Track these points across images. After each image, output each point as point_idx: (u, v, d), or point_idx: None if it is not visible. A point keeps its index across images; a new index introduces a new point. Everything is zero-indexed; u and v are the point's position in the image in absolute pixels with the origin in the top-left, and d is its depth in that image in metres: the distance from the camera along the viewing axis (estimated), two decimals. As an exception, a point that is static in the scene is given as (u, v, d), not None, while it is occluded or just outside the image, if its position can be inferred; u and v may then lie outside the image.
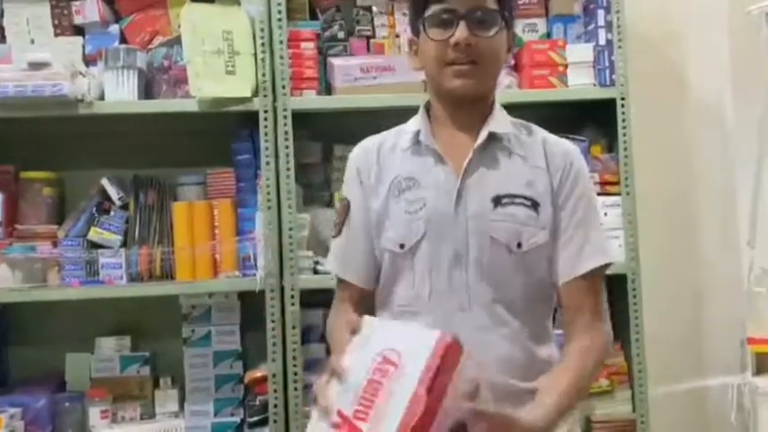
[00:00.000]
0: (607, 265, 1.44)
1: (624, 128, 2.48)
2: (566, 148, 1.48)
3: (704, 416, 2.85)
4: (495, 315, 1.38)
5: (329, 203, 2.55)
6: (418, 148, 1.46)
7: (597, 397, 2.49)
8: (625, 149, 2.49)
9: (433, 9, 1.40)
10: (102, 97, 2.37)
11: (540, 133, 1.49)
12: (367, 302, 1.50)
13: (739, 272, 2.87)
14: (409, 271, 1.41)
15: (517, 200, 1.39)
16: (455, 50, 1.38)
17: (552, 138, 1.49)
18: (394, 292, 1.45)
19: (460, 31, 1.37)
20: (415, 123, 1.49)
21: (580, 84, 2.52)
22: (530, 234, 1.39)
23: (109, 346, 2.48)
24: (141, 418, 2.40)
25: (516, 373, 1.36)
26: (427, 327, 1.24)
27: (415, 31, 1.46)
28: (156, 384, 2.46)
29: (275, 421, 2.30)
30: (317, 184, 2.57)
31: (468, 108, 1.44)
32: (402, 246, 1.41)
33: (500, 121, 1.46)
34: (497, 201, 1.39)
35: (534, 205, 1.40)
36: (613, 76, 2.49)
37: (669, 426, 2.71)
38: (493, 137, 1.43)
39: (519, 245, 1.38)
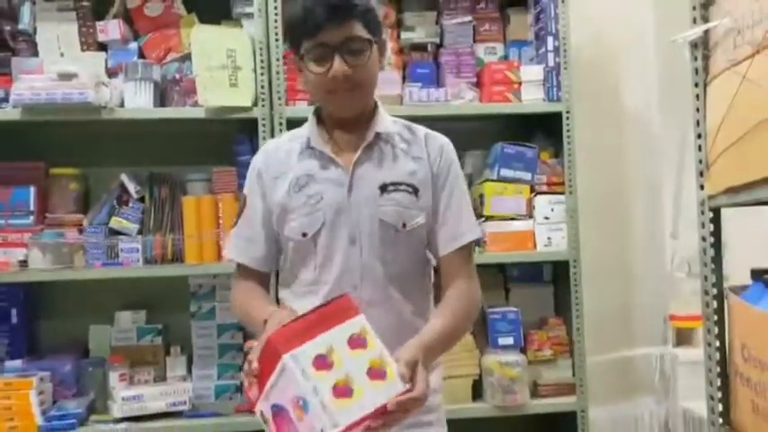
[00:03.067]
0: (476, 240, 1.48)
1: (569, 137, 2.52)
2: (441, 142, 1.49)
3: (632, 380, 2.87)
4: (383, 291, 1.39)
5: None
6: (311, 152, 1.45)
7: (542, 364, 2.55)
8: (569, 155, 2.51)
9: (306, 44, 1.36)
10: (122, 104, 2.38)
11: (422, 130, 1.50)
12: (264, 283, 1.49)
13: (663, 259, 2.88)
14: (312, 256, 1.41)
15: (401, 187, 1.41)
16: (333, 82, 1.36)
17: (432, 133, 1.50)
18: (298, 275, 1.44)
19: (337, 65, 1.34)
20: (306, 129, 1.49)
21: (532, 99, 2.54)
22: (411, 215, 1.41)
23: (126, 320, 2.48)
24: (154, 381, 2.41)
25: (400, 343, 1.31)
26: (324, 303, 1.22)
27: (299, 56, 1.41)
28: (167, 352, 2.46)
29: (270, 384, 2.36)
30: (306, 182, 2.59)
31: (353, 118, 1.45)
32: (305, 234, 1.42)
33: (384, 122, 1.46)
34: (384, 188, 1.40)
35: (415, 191, 1.42)
36: (560, 93, 2.53)
37: (603, 388, 2.73)
38: (378, 136, 1.44)
39: (404, 225, 1.40)
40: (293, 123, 2.38)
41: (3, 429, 2.20)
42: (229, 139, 2.51)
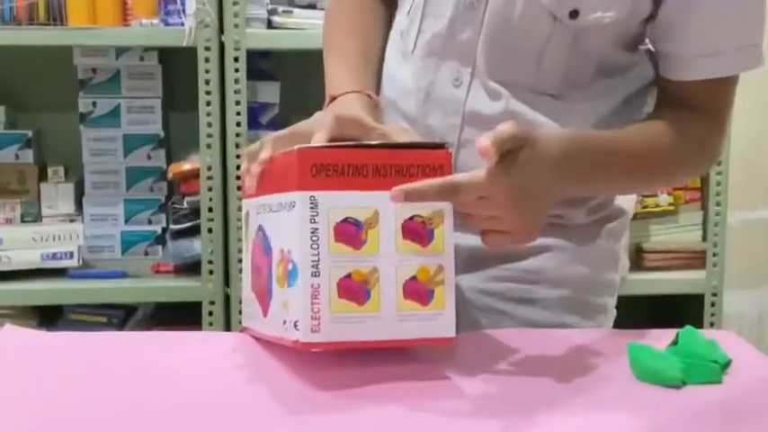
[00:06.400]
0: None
1: None
2: None
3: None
4: (504, 105, 0.93)
5: None
6: None
7: (654, 219, 1.96)
8: None
9: None
10: None
11: None
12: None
13: None
14: None
15: None
16: None
17: None
18: (397, 14, 1.02)
19: None
20: None
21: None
22: (596, 4, 0.86)
23: (-27, 119, 1.92)
24: (22, 221, 1.88)
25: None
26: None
27: None
28: (42, 176, 1.94)
29: (210, 230, 1.78)
30: None
31: None
32: None
33: None
34: None
35: None
36: None
37: (747, 262, 2.11)
38: None
39: (575, 13, 0.88)
40: None
41: None
42: None
